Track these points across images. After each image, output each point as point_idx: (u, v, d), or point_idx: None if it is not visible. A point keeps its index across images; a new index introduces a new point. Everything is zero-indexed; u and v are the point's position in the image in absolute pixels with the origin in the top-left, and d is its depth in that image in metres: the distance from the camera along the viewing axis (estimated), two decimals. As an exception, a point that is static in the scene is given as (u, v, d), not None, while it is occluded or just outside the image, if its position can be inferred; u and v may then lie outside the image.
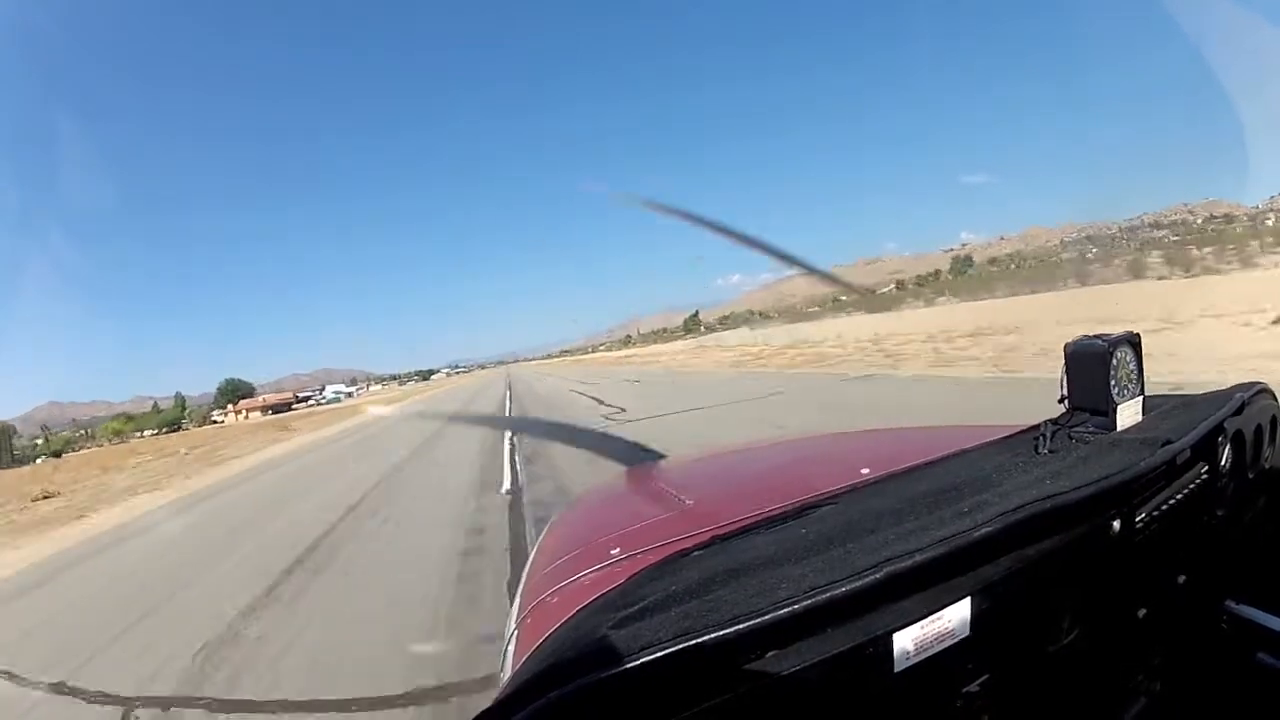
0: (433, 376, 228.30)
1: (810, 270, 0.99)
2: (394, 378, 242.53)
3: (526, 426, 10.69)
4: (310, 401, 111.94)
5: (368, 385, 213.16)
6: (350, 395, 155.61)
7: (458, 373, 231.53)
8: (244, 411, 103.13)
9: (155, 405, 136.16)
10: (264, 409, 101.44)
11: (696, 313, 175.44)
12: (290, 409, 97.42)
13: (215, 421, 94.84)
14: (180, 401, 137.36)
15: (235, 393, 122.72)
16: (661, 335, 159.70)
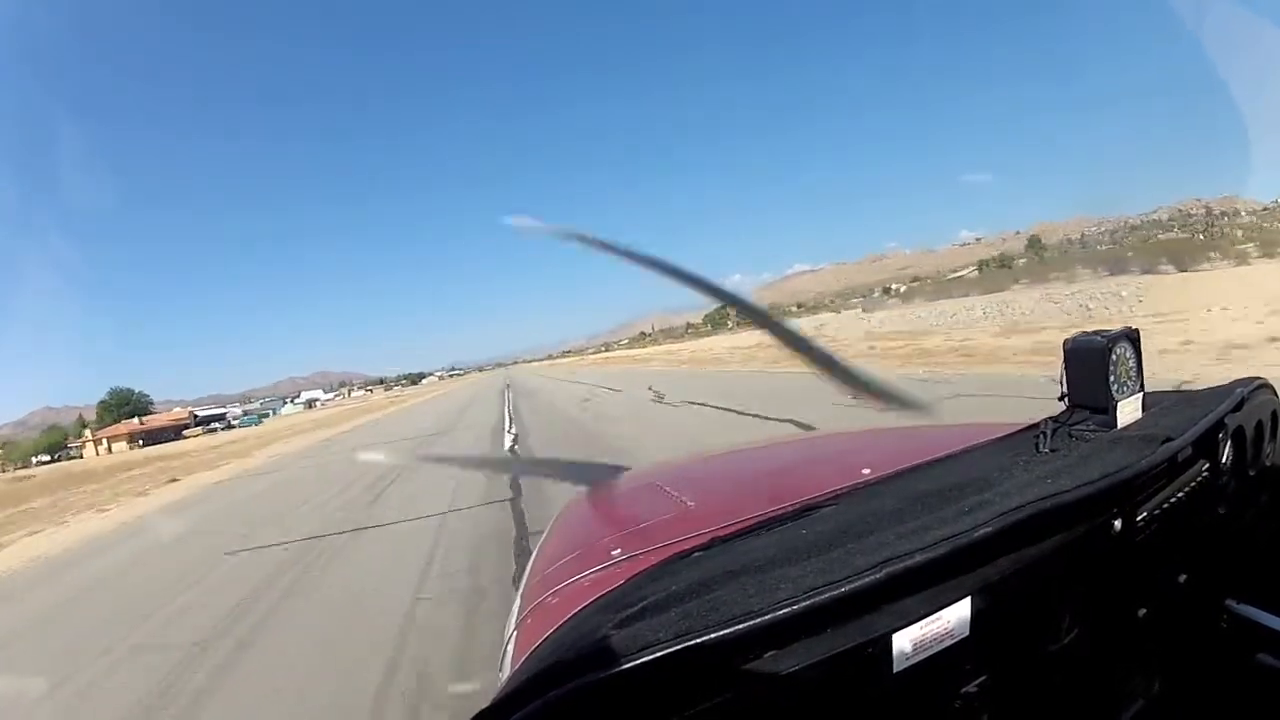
0: (424, 380, 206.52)
1: (741, 304, 1.00)
2: (380, 382, 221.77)
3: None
4: (213, 426, 78.34)
5: (348, 391, 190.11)
6: (315, 404, 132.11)
7: (452, 375, 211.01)
8: (104, 440, 67.79)
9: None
10: (132, 436, 66.00)
11: (723, 305, 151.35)
12: (181, 435, 65.68)
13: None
14: (111, 410, 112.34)
15: (124, 407, 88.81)
16: (690, 331, 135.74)
